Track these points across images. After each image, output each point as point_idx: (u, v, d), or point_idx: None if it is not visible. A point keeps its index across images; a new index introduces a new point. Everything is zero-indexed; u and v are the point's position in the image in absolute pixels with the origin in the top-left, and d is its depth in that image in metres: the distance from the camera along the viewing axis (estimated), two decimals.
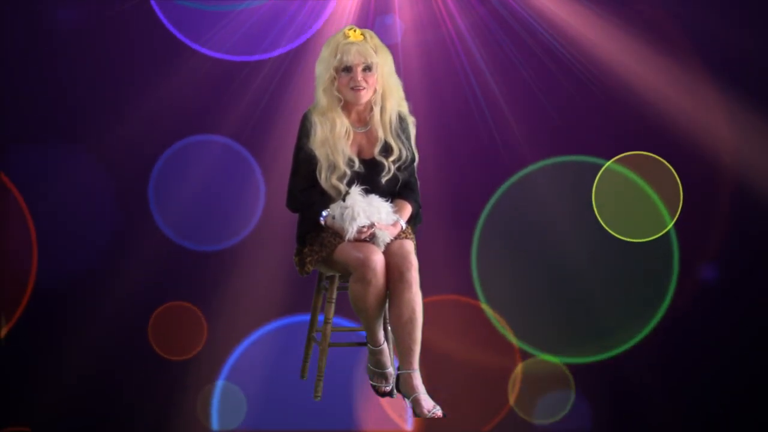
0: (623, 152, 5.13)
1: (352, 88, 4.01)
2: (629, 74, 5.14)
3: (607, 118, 5.17)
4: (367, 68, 4.01)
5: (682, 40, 5.10)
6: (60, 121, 5.07)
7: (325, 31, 5.12)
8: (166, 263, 5.01)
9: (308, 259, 4.06)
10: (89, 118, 5.07)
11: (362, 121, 4.12)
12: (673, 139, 5.10)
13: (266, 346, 4.67)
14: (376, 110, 4.08)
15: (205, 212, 5.14)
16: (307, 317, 4.32)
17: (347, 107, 4.08)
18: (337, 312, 4.15)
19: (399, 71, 4.14)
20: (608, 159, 5.14)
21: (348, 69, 4.00)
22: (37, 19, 5.03)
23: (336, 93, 4.04)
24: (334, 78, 4.02)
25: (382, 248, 3.99)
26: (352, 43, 4.00)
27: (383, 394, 4.15)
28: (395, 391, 4.06)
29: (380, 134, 4.08)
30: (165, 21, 5.09)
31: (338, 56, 3.99)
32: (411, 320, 3.93)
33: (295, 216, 4.15)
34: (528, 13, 5.17)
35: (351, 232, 3.97)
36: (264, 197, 5.15)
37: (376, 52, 4.01)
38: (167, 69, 5.10)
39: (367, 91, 4.03)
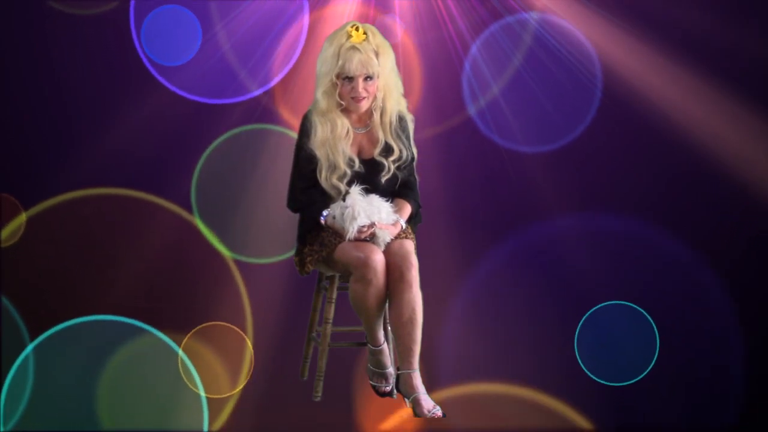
0: (625, 152, 5.14)
1: (353, 98, 4.01)
2: (632, 75, 5.14)
3: (608, 118, 5.17)
4: (369, 78, 4.01)
5: (686, 41, 5.11)
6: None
7: (325, 31, 5.11)
8: (167, 261, 5.02)
9: (308, 258, 4.06)
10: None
11: (362, 122, 4.12)
12: (675, 139, 5.11)
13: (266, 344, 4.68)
14: (377, 114, 4.08)
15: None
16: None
17: (347, 109, 4.08)
18: (337, 312, 4.15)
19: (399, 71, 4.14)
20: (608, 158, 5.16)
21: (349, 78, 4.00)
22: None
23: (337, 98, 4.03)
24: (336, 84, 4.01)
25: (383, 248, 3.99)
26: (355, 49, 3.98)
27: (383, 394, 4.15)
28: (395, 391, 4.06)
29: (380, 136, 4.08)
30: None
31: (340, 62, 3.98)
32: (411, 320, 3.93)
33: (295, 216, 4.16)
34: (528, 13, 5.17)
35: (351, 231, 3.97)
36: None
37: (377, 54, 4.00)
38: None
39: (367, 100, 4.03)
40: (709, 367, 4.57)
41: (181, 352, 4.35)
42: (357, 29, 4.01)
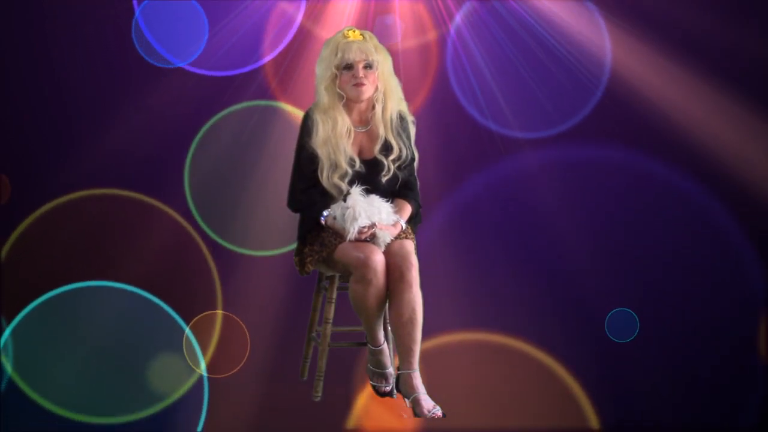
0: (623, 152, 5.14)
1: (354, 84, 4.02)
2: (631, 74, 5.15)
3: (607, 117, 5.18)
4: (368, 65, 4.02)
5: (686, 41, 5.11)
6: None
7: (325, 31, 5.12)
8: (167, 262, 5.02)
9: (308, 259, 4.06)
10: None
11: (363, 120, 4.12)
12: (675, 139, 5.11)
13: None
14: (378, 108, 4.08)
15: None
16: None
17: (349, 106, 4.08)
18: (337, 312, 4.15)
19: (399, 71, 4.15)
20: (607, 158, 5.16)
21: (349, 66, 4.01)
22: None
23: (338, 90, 4.04)
24: (336, 76, 4.03)
25: (383, 248, 3.99)
26: (352, 41, 4.01)
27: (383, 394, 4.15)
28: (395, 391, 4.06)
29: (381, 132, 4.08)
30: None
31: (339, 54, 4.00)
32: (411, 320, 3.93)
33: (296, 215, 4.16)
34: (528, 12, 5.17)
35: (352, 232, 3.97)
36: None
37: (376, 51, 4.02)
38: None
39: (368, 88, 4.03)
40: (710, 367, 4.57)
41: (187, 330, 4.38)
42: (354, 31, 4.03)
